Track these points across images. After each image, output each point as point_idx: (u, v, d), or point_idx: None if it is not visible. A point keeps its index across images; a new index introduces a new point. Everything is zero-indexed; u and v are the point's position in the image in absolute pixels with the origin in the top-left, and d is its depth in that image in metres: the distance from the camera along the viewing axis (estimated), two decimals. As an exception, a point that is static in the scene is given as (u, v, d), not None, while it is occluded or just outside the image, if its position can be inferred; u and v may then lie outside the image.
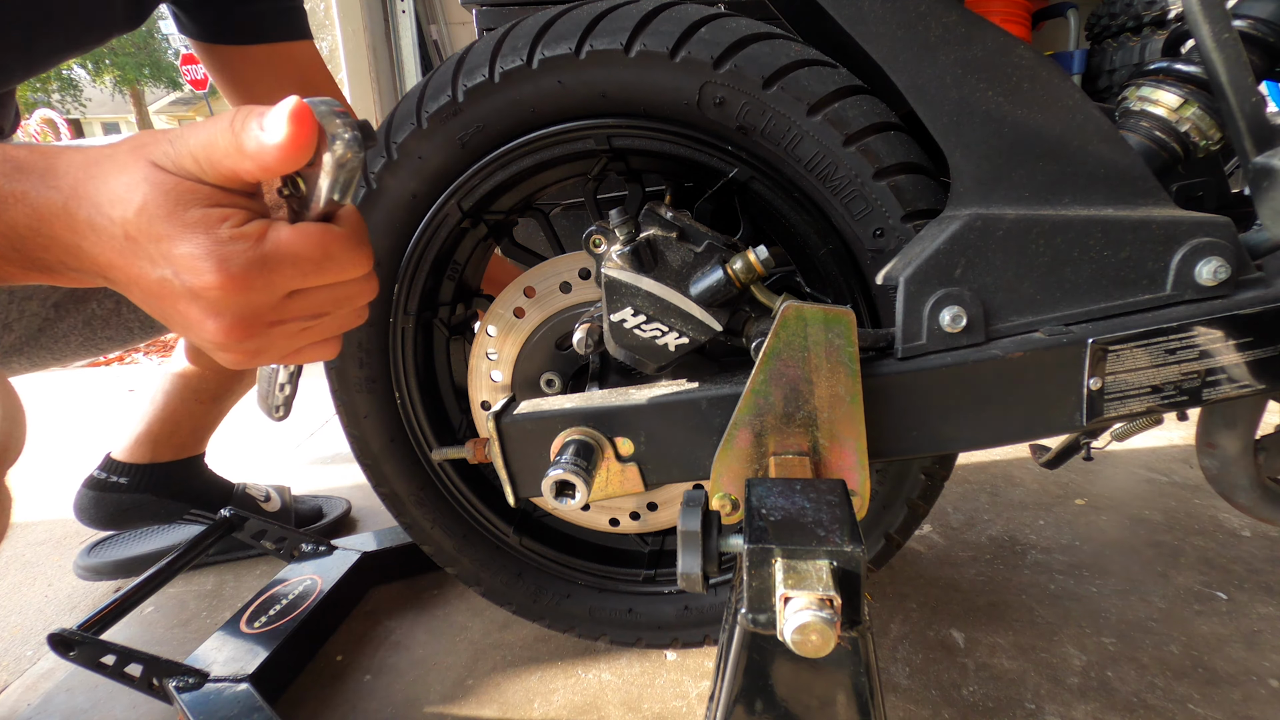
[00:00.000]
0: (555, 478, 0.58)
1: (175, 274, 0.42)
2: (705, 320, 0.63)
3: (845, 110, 0.62)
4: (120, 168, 0.42)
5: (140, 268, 0.43)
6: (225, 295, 0.42)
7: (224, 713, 0.80)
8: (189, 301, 0.43)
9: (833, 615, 0.38)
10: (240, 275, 0.42)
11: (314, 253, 0.44)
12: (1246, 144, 0.55)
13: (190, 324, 0.44)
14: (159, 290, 0.43)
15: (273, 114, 0.40)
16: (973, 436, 0.60)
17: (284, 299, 0.45)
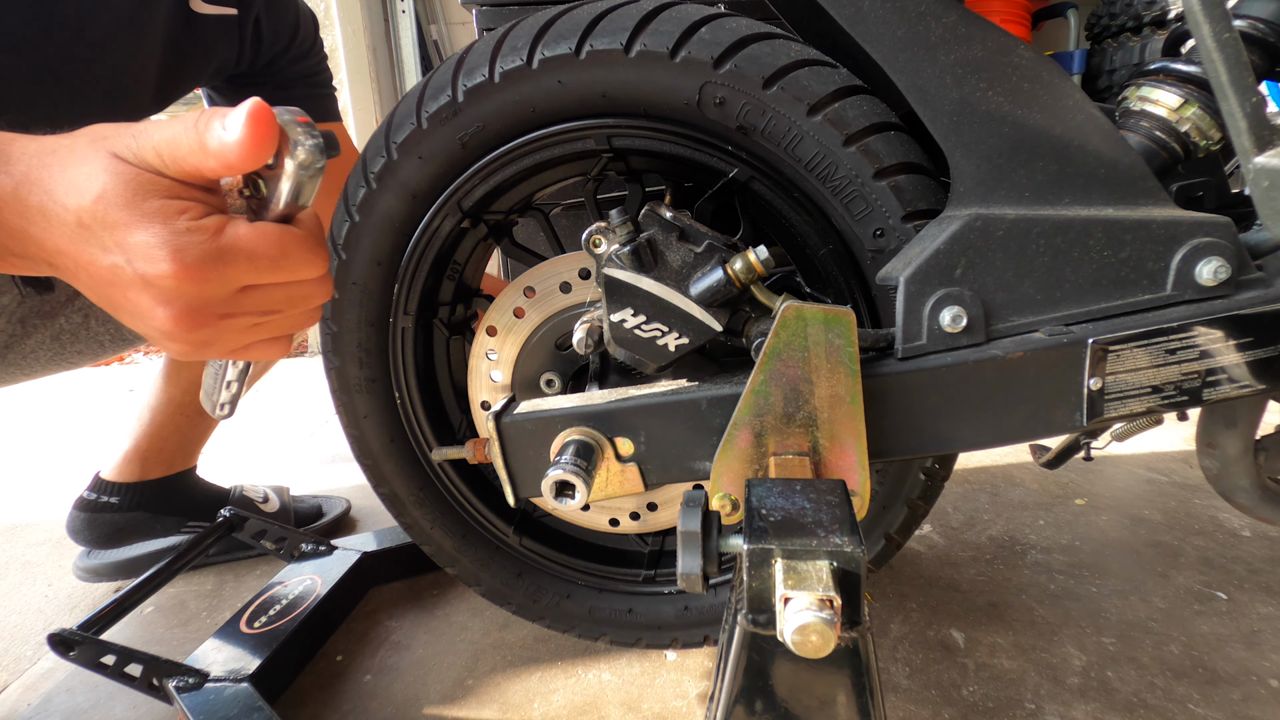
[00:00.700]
0: (555, 478, 0.58)
1: (128, 261, 0.42)
2: (705, 320, 0.62)
3: (845, 110, 0.62)
4: (80, 158, 0.42)
5: (91, 254, 0.43)
6: (178, 284, 0.42)
7: (224, 713, 0.80)
8: (140, 289, 0.43)
9: (833, 616, 0.38)
10: (194, 265, 0.42)
11: (270, 250, 0.44)
12: (1247, 144, 0.55)
13: (140, 312, 0.44)
14: (109, 277, 0.43)
15: (235, 113, 0.41)
16: (973, 437, 0.60)
17: (237, 293, 0.45)
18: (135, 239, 0.41)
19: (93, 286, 0.45)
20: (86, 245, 0.42)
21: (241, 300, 0.46)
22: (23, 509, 1.56)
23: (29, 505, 1.58)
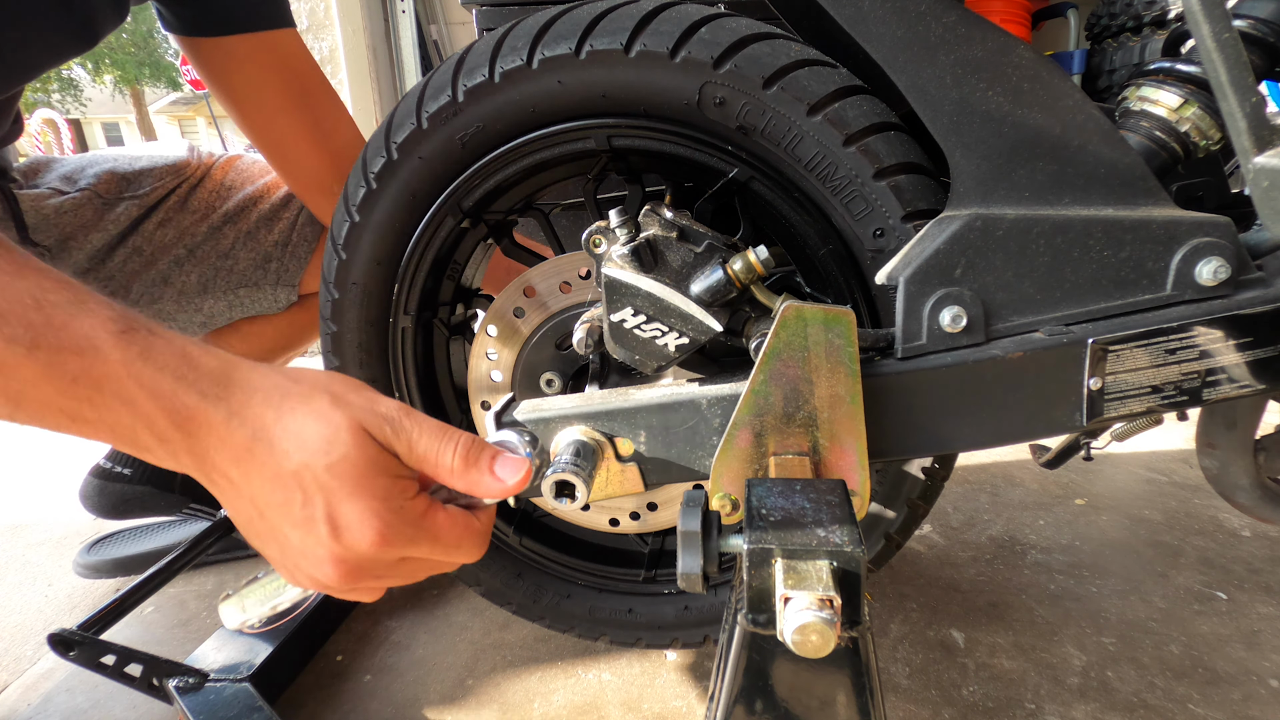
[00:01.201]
0: (555, 478, 0.58)
1: (328, 518, 0.44)
2: (705, 320, 0.62)
3: (845, 110, 0.62)
4: (319, 416, 0.45)
5: (284, 497, 0.45)
6: (366, 551, 0.45)
7: (224, 713, 0.80)
8: (322, 543, 0.45)
9: (833, 615, 0.38)
10: (391, 540, 0.45)
11: (453, 538, 0.48)
12: (1247, 144, 0.55)
13: (303, 554, 0.46)
14: (290, 519, 0.45)
15: (508, 465, 0.48)
16: (973, 436, 0.60)
17: (400, 560, 0.48)
18: (350, 507, 0.44)
19: (254, 513, 0.46)
20: (283, 489, 0.44)
21: (400, 566, 0.48)
22: (23, 509, 1.56)
23: (29, 505, 1.58)
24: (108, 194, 1.03)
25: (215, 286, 1.08)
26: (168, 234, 1.06)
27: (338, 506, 0.44)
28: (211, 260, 1.08)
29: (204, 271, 1.07)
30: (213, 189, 1.11)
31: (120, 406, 0.44)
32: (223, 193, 1.11)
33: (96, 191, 1.02)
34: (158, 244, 1.06)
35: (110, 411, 0.44)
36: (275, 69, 0.99)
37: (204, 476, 0.47)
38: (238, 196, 1.11)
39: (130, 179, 1.06)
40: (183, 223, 1.07)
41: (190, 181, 1.10)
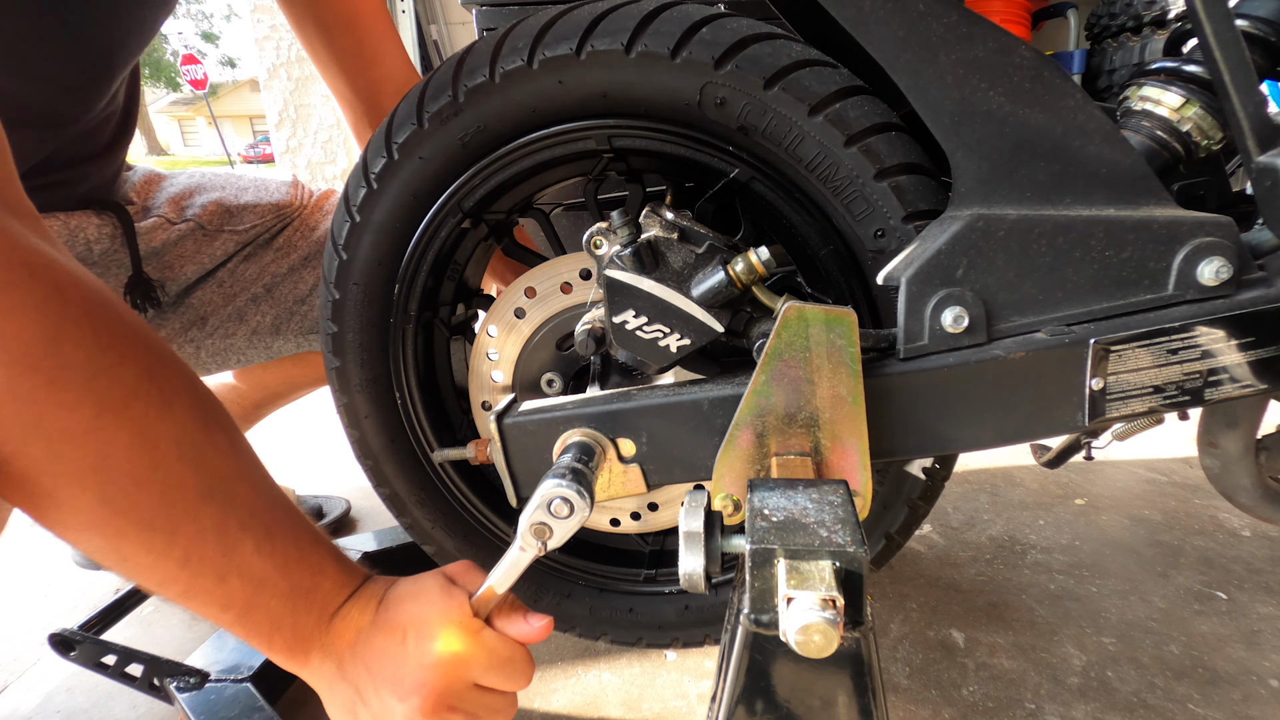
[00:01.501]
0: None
1: (416, 637, 0.58)
2: (707, 321, 0.62)
3: (846, 111, 0.62)
4: (418, 579, 0.63)
5: (382, 639, 0.58)
6: (445, 666, 0.56)
7: (225, 712, 0.80)
8: (412, 669, 0.56)
9: (835, 616, 0.38)
10: (461, 652, 0.57)
11: (504, 653, 0.59)
12: (1249, 143, 0.55)
13: (399, 688, 0.56)
14: (386, 660, 0.57)
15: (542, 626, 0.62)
16: (975, 437, 0.60)
17: (468, 688, 0.58)
18: (427, 619, 0.58)
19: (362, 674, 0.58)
20: (389, 632, 0.58)
21: (468, 696, 0.58)
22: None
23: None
24: (210, 226, 1.03)
25: (288, 329, 1.09)
26: (250, 269, 1.07)
27: (425, 630, 0.57)
28: (288, 304, 1.08)
29: (279, 313, 1.08)
30: (299, 227, 1.12)
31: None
32: (306, 232, 1.12)
33: (200, 223, 1.02)
34: (239, 279, 1.06)
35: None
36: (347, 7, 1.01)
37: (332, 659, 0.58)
38: (318, 233, 1.11)
39: (234, 212, 1.06)
40: (264, 259, 1.08)
41: (284, 220, 1.11)
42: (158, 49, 24.60)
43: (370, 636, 0.57)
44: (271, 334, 1.08)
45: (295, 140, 2.77)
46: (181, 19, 35.97)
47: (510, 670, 0.59)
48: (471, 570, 0.64)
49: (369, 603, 0.60)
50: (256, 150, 33.82)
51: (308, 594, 0.57)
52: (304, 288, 1.09)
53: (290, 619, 0.56)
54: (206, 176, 1.11)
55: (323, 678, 0.59)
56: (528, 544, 0.57)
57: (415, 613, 0.58)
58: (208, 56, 37.04)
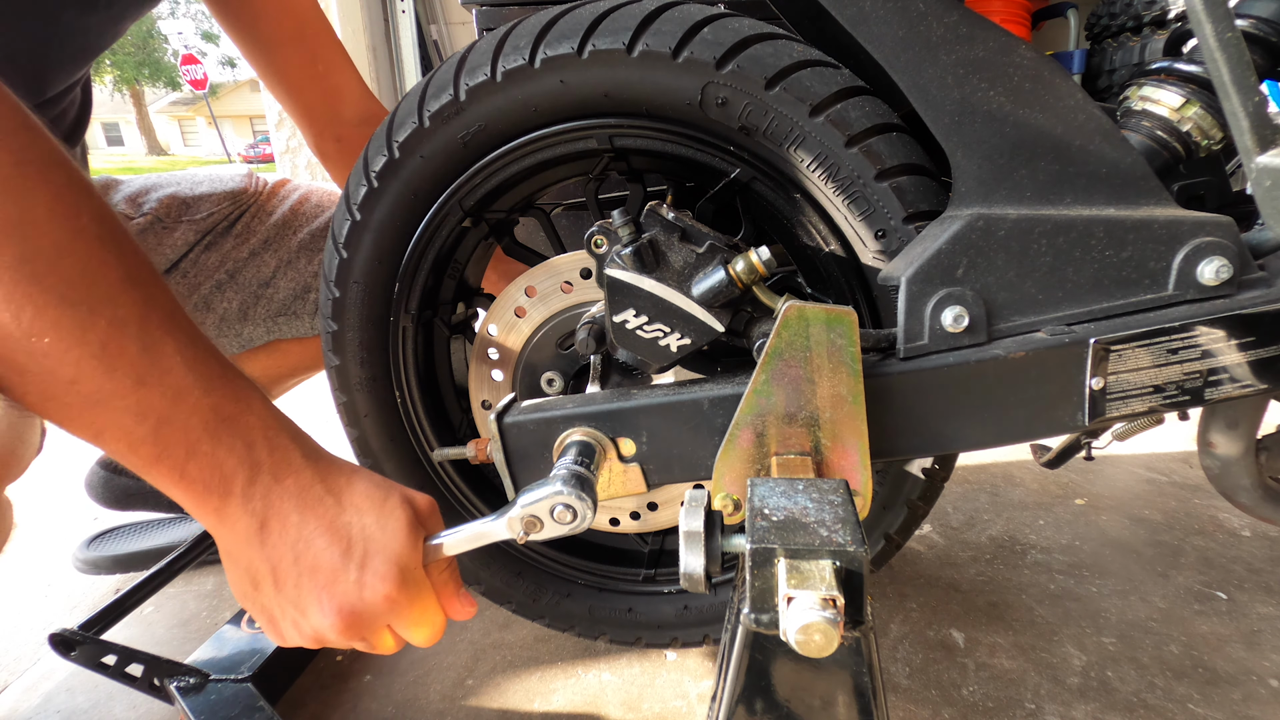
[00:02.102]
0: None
1: (360, 565, 0.53)
2: (707, 321, 0.62)
3: (847, 111, 0.62)
4: (381, 488, 0.57)
5: (323, 542, 0.53)
6: (380, 605, 0.54)
7: (225, 713, 0.80)
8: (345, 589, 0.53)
9: (836, 615, 0.38)
10: (400, 599, 0.54)
11: (433, 615, 0.57)
12: (1249, 143, 0.55)
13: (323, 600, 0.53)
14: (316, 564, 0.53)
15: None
16: (975, 436, 0.60)
17: (384, 627, 0.56)
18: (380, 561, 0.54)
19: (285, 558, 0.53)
20: (333, 537, 0.53)
21: (381, 633, 0.56)
22: (22, 509, 1.56)
23: (29, 505, 1.57)
24: (168, 219, 1.04)
25: (255, 314, 1.09)
26: (211, 258, 1.07)
27: (374, 557, 0.53)
28: (252, 288, 1.09)
29: (245, 299, 1.09)
30: (256, 212, 1.13)
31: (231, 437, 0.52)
32: (263, 217, 1.13)
33: (158, 216, 1.03)
34: (202, 268, 1.07)
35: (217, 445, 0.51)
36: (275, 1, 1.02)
37: (257, 519, 0.52)
38: (275, 217, 1.12)
39: (190, 204, 1.07)
40: (225, 246, 1.09)
41: (241, 207, 1.12)
42: (158, 49, 24.58)
43: (311, 528, 0.53)
44: (239, 320, 1.08)
45: (295, 140, 2.77)
46: (181, 19, 35.98)
47: (427, 631, 0.57)
48: (434, 514, 0.60)
49: (314, 481, 0.54)
50: (256, 150, 33.79)
51: (231, 422, 0.51)
52: (266, 271, 1.09)
53: (209, 447, 0.50)
54: (160, 176, 1.12)
55: (235, 536, 0.53)
56: (512, 527, 0.56)
57: (373, 537, 0.54)
58: (208, 56, 37.06)
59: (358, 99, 1.10)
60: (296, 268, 1.11)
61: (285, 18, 1.02)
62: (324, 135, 1.10)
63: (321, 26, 1.07)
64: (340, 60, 1.09)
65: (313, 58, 1.05)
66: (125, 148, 44.63)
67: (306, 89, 1.06)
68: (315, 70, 1.05)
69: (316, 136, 1.10)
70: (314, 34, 1.06)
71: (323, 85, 1.06)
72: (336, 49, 1.09)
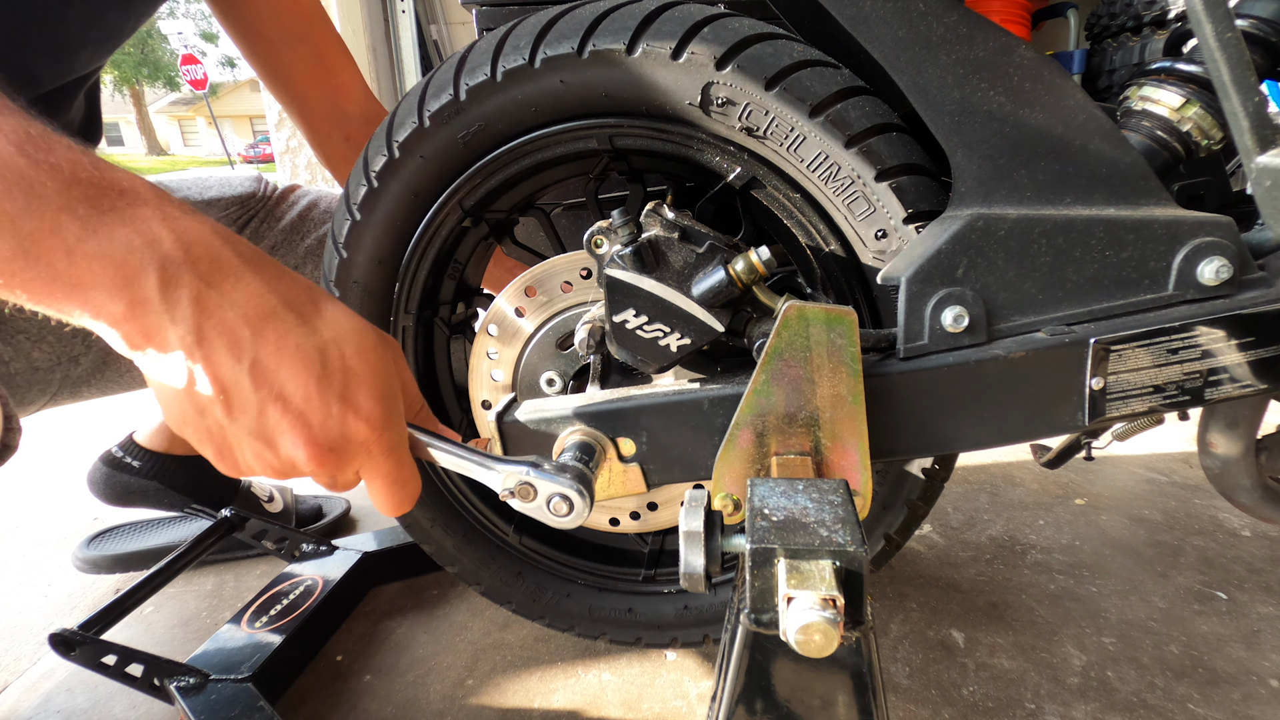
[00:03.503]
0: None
1: (341, 397, 0.46)
2: (707, 321, 0.62)
3: (848, 111, 0.62)
4: (355, 317, 0.49)
5: (289, 368, 0.45)
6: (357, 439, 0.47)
7: (225, 713, 0.80)
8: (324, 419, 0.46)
9: (836, 615, 0.38)
10: (376, 443, 0.48)
11: (407, 478, 0.51)
12: (1249, 143, 0.55)
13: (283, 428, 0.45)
14: (280, 389, 0.45)
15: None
16: (975, 436, 0.60)
17: (356, 463, 0.49)
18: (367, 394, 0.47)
19: (236, 381, 0.44)
20: (299, 360, 0.45)
21: (349, 471, 0.49)
22: (23, 509, 1.56)
23: (29, 505, 1.57)
24: None
25: None
26: None
27: (356, 389, 0.47)
28: None
29: None
30: (265, 218, 1.13)
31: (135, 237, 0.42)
32: (272, 222, 1.12)
33: None
34: None
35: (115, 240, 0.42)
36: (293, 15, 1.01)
37: (192, 332, 0.43)
38: (284, 223, 1.12)
39: (199, 209, 1.06)
40: None
41: (250, 212, 1.11)
42: (157, 49, 24.59)
43: (272, 355, 0.44)
44: None
45: (295, 140, 2.77)
46: (181, 19, 35.98)
47: (402, 492, 0.51)
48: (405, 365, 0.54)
49: (267, 295, 0.45)
50: (256, 150, 33.77)
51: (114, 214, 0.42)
52: None
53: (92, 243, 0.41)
54: (172, 180, 1.11)
55: (165, 352, 0.43)
56: (506, 481, 0.53)
57: (353, 368, 0.47)
58: (207, 56, 37.08)
59: (361, 97, 1.09)
60: (303, 273, 1.11)
61: (288, 16, 1.01)
62: (330, 135, 1.09)
63: (324, 25, 1.06)
64: (344, 59, 1.08)
65: (316, 56, 1.04)
66: (125, 148, 44.63)
67: (310, 89, 1.05)
68: (319, 69, 1.05)
69: (321, 137, 1.09)
70: (317, 32, 1.05)
71: (327, 85, 1.05)
72: (339, 47, 1.08)
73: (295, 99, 1.07)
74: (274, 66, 1.04)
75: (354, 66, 1.09)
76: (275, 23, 1.01)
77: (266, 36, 1.01)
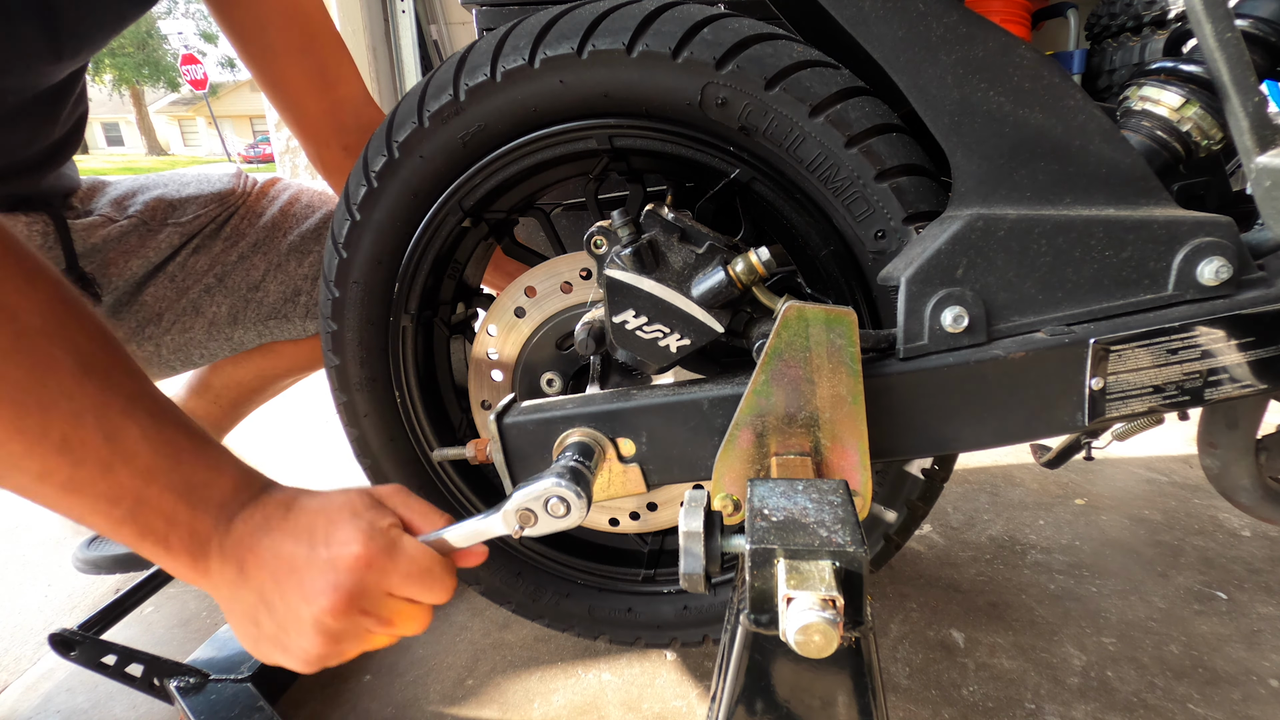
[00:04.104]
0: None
1: (325, 542, 0.53)
2: (707, 322, 0.62)
3: (847, 111, 0.62)
4: (335, 493, 0.58)
5: (291, 547, 0.53)
6: (356, 567, 0.53)
7: (225, 713, 0.80)
8: (321, 571, 0.52)
9: (835, 615, 0.38)
10: (371, 551, 0.53)
11: (424, 563, 0.55)
12: (1249, 143, 0.55)
13: (305, 590, 0.52)
14: (294, 569, 0.53)
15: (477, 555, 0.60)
16: (974, 436, 0.60)
17: (382, 594, 0.54)
18: (342, 529, 0.54)
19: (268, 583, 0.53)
20: (296, 537, 0.54)
21: (381, 603, 0.55)
22: (23, 509, 1.56)
23: (28, 505, 1.57)
24: (153, 220, 1.03)
25: (245, 318, 1.08)
26: (200, 261, 1.06)
27: (334, 532, 0.53)
28: (242, 291, 1.08)
29: (234, 302, 1.07)
30: (245, 214, 1.11)
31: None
32: (252, 219, 1.11)
33: (143, 218, 1.02)
34: (190, 271, 1.05)
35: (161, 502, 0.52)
36: (281, 7, 0.99)
37: (232, 561, 0.54)
38: (265, 219, 1.11)
39: (176, 205, 1.05)
40: (214, 249, 1.07)
41: (230, 208, 1.10)
42: (157, 49, 24.61)
43: (279, 540, 0.54)
44: (230, 324, 1.08)
45: (295, 140, 2.77)
46: (181, 19, 35.96)
47: (428, 580, 0.56)
48: (402, 493, 0.60)
49: (275, 508, 0.55)
50: (256, 150, 33.78)
51: (203, 489, 0.53)
52: (256, 274, 1.08)
53: (186, 516, 0.52)
54: (150, 178, 1.10)
55: (223, 584, 0.54)
56: (508, 521, 0.56)
57: (330, 515, 0.55)
58: (207, 56, 37.06)
59: (361, 107, 1.07)
60: (286, 270, 1.09)
61: (292, 27, 1.00)
62: (329, 146, 1.07)
63: (329, 37, 1.04)
64: (346, 71, 1.06)
65: (319, 70, 1.03)
66: (125, 148, 44.63)
67: (310, 102, 1.04)
68: (320, 82, 1.03)
69: (319, 147, 1.07)
70: (321, 45, 1.03)
71: (327, 98, 1.04)
72: (343, 59, 1.06)
73: (294, 110, 1.05)
74: (275, 76, 1.03)
75: (356, 78, 1.07)
76: (279, 34, 0.99)
77: (269, 47, 1.00)
